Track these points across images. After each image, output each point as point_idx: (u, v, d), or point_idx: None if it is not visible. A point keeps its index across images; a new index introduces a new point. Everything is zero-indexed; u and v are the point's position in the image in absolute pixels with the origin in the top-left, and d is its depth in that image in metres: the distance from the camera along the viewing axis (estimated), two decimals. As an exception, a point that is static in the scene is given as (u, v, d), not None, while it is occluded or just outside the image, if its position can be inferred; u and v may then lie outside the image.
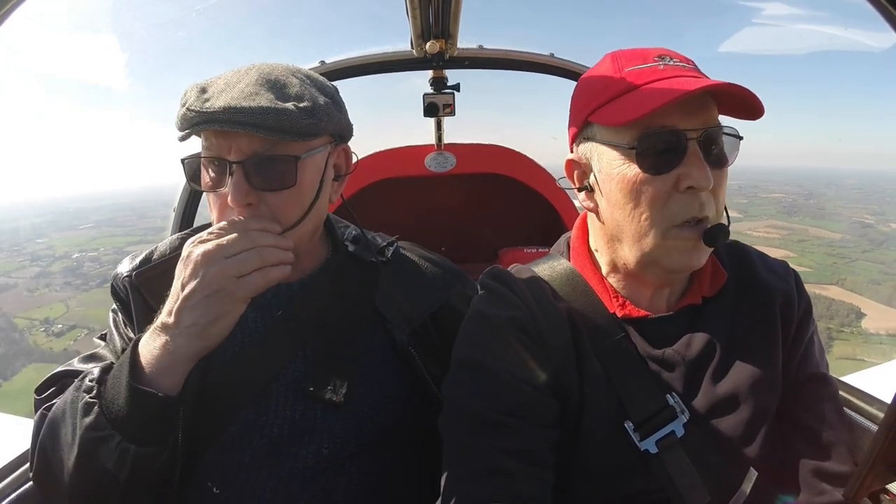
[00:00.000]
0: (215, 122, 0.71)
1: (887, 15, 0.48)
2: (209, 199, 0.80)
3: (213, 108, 0.71)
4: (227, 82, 0.75)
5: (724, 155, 0.70)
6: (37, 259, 38.10)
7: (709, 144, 0.68)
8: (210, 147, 0.75)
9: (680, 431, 0.70)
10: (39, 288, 33.57)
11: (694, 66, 0.72)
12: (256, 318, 0.85)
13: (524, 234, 2.33)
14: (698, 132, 0.67)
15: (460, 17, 1.29)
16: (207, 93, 0.74)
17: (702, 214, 0.68)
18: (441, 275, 0.94)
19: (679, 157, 0.67)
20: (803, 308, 0.81)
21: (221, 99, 0.72)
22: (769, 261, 0.85)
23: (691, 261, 0.70)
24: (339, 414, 0.80)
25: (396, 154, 2.19)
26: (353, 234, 0.96)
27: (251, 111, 0.71)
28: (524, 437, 0.68)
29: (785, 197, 52.28)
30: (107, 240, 39.15)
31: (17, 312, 30.59)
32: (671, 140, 0.67)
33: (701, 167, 0.66)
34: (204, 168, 0.77)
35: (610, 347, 0.74)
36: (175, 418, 0.72)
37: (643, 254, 0.72)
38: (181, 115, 0.73)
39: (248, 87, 0.74)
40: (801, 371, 0.79)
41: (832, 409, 0.77)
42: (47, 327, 27.63)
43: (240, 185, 0.74)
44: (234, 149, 0.74)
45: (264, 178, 0.75)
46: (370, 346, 0.86)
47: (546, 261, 0.84)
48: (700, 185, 0.66)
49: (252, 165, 0.74)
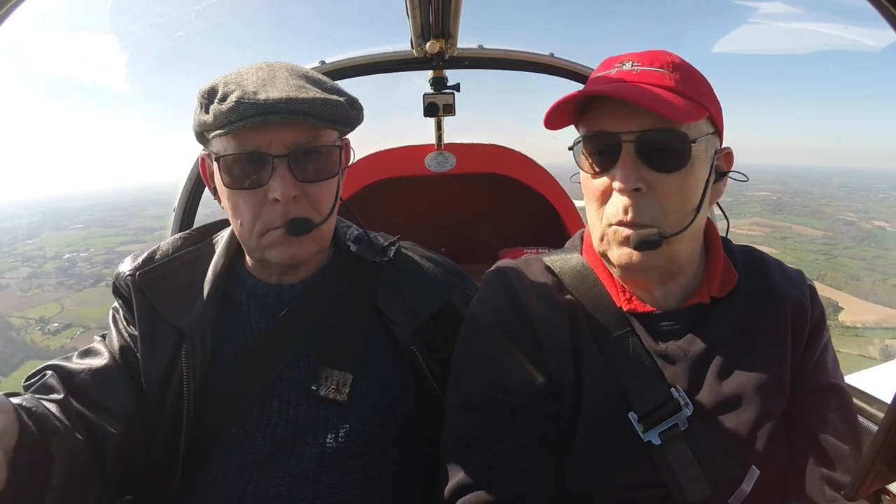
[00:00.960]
0: (276, 112, 0.71)
1: (887, 15, 0.48)
2: (235, 199, 0.78)
3: (272, 98, 0.70)
4: (262, 78, 0.74)
5: (672, 158, 0.69)
6: (28, 260, 37.84)
7: (647, 147, 0.68)
8: (244, 143, 0.74)
9: (683, 425, 0.71)
10: (32, 288, 33.50)
11: (668, 69, 0.71)
12: (259, 318, 0.84)
13: (524, 234, 2.33)
14: (633, 134, 0.68)
15: (460, 17, 1.28)
16: (247, 88, 0.72)
17: (627, 217, 0.69)
18: (443, 275, 0.94)
19: (614, 159, 0.69)
20: (816, 317, 0.81)
21: (275, 91, 0.72)
22: (785, 268, 0.85)
23: (626, 259, 0.71)
24: (341, 413, 0.80)
25: (396, 154, 2.17)
26: (356, 233, 0.95)
27: (311, 102, 0.72)
28: (510, 444, 0.70)
29: (770, 195, 53.03)
30: (98, 240, 38.73)
31: (11, 312, 30.53)
32: (606, 142, 0.70)
33: (626, 169, 0.68)
34: (232, 166, 0.76)
35: (614, 340, 0.75)
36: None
37: (599, 250, 0.75)
38: (229, 109, 0.71)
39: (290, 80, 0.75)
40: (813, 380, 0.79)
41: (843, 419, 0.77)
42: (43, 326, 27.78)
43: (287, 178, 0.74)
44: (274, 142, 0.74)
45: (309, 169, 0.77)
46: (372, 345, 0.86)
47: (560, 253, 0.86)
48: (621, 186, 0.68)
49: (296, 158, 0.75)
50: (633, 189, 0.68)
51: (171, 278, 0.85)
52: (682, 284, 0.78)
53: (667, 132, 0.68)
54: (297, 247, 0.80)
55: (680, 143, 0.69)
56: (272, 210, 0.76)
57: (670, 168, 0.69)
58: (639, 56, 0.73)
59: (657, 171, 0.68)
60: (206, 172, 0.86)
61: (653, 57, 0.72)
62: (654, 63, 0.71)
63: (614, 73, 0.72)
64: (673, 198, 0.69)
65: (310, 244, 0.81)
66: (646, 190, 0.68)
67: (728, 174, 0.78)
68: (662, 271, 0.75)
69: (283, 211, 0.77)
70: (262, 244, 0.79)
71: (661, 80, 0.70)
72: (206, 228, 0.98)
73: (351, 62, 1.53)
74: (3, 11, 0.44)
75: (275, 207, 0.76)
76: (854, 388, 0.92)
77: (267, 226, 0.78)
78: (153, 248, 0.89)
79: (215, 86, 0.75)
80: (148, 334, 0.80)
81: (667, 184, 0.69)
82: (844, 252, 42.25)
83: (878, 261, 40.60)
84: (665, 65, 0.71)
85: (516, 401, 0.72)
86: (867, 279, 37.19)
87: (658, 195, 0.69)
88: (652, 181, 0.68)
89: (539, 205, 2.26)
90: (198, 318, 0.81)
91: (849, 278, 36.72)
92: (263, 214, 0.77)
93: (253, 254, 0.84)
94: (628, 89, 0.68)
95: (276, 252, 0.80)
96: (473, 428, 0.73)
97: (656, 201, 0.69)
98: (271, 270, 0.87)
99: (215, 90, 0.75)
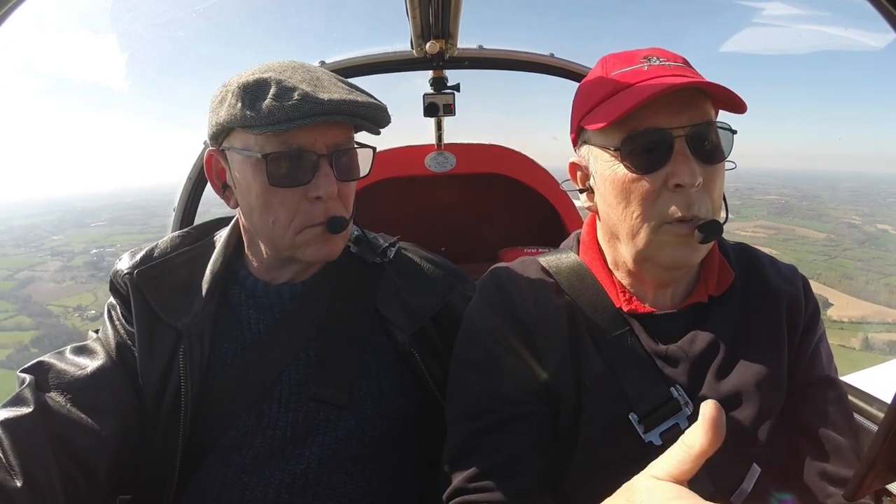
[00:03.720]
0: (339, 113, 0.73)
1: (887, 15, 0.47)
2: (269, 197, 0.76)
3: (335, 99, 0.72)
4: (307, 78, 0.75)
5: (717, 150, 0.69)
6: (57, 254, 39.51)
7: (698, 141, 0.67)
8: (289, 141, 0.74)
9: (684, 424, 0.69)
10: (66, 280, 35.40)
11: (684, 63, 0.70)
12: (259, 319, 0.83)
13: (524, 234, 2.31)
14: (685, 129, 0.66)
15: (460, 17, 1.26)
16: (304, 87, 0.72)
17: (690, 213, 0.67)
18: (442, 276, 0.92)
19: (667, 156, 0.67)
20: (811, 312, 0.79)
21: (334, 92, 0.73)
22: (778, 264, 0.83)
23: (684, 256, 0.70)
24: (341, 415, 0.79)
25: (396, 154, 2.15)
26: (355, 234, 0.94)
27: (368, 106, 0.76)
28: (506, 452, 0.69)
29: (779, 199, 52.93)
30: (121, 237, 40.07)
31: (49, 301, 32.55)
32: (657, 139, 0.67)
33: (687, 165, 0.66)
34: (278, 163, 0.74)
35: (613, 340, 0.73)
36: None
37: (637, 251, 0.72)
38: (292, 106, 0.70)
39: (337, 83, 0.78)
40: (808, 374, 0.77)
41: (839, 412, 0.76)
42: (81, 313, 29.57)
43: (330, 176, 0.76)
44: (318, 142, 0.75)
45: (346, 169, 0.79)
46: (372, 347, 0.84)
47: (555, 253, 0.84)
48: (687, 182, 0.66)
49: (337, 157, 0.77)
50: (697, 183, 0.66)
51: (169, 277, 0.83)
52: (682, 283, 0.77)
53: (713, 125, 0.68)
54: (332, 245, 0.80)
55: (725, 135, 0.69)
56: (313, 208, 0.76)
57: (716, 160, 0.69)
58: (657, 51, 0.72)
59: (706, 164, 0.68)
60: (213, 170, 0.83)
61: (667, 53, 0.72)
62: (674, 59, 0.71)
63: (647, 68, 0.70)
64: (718, 189, 0.70)
65: (341, 242, 0.82)
66: (700, 184, 0.67)
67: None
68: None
69: (325, 208, 0.77)
70: (297, 242, 0.78)
71: (694, 74, 0.69)
72: (205, 227, 0.96)
73: (351, 62, 1.52)
74: (3, 12, 0.44)
75: (315, 205, 0.76)
76: (854, 388, 0.89)
77: (305, 223, 0.77)
78: (151, 246, 0.88)
79: (264, 81, 0.72)
80: (145, 333, 0.79)
81: (714, 176, 0.69)
82: (844, 253, 42.38)
83: (876, 262, 40.64)
84: (682, 60, 0.71)
85: (512, 407, 0.71)
86: (861, 278, 37.64)
87: (708, 188, 0.68)
88: (703, 175, 0.67)
89: (539, 205, 2.24)
90: (196, 318, 0.80)
91: (843, 277, 37.22)
92: (302, 212, 0.76)
93: (282, 252, 0.81)
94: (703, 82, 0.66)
95: (311, 250, 0.79)
96: (470, 437, 0.72)
97: (707, 194, 0.68)
98: (284, 271, 0.85)
99: (265, 85, 0.72)
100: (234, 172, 0.79)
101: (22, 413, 0.68)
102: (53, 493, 0.66)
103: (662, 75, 0.68)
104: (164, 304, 0.80)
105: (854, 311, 31.83)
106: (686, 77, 0.66)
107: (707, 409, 0.39)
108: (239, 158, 0.77)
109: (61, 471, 0.67)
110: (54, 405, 0.71)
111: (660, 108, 0.66)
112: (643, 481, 0.42)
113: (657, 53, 0.71)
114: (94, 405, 0.73)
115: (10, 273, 37.35)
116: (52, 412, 0.70)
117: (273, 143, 0.73)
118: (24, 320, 30.41)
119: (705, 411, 0.39)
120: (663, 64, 0.69)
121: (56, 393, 0.72)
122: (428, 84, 1.63)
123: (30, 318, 30.58)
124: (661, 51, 0.72)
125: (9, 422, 0.67)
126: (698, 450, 0.39)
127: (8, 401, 0.70)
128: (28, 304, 32.47)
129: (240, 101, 0.72)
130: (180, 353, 0.77)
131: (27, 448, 0.65)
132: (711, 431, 0.39)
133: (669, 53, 0.71)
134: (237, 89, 0.73)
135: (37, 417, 0.68)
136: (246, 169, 0.76)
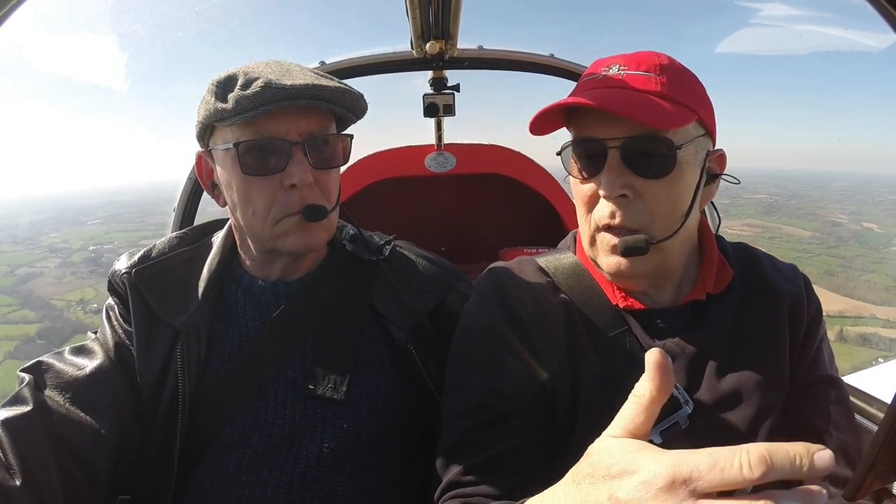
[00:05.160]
0: (302, 97, 0.71)
1: (887, 15, 0.46)
2: (247, 188, 0.76)
3: (298, 84, 0.70)
4: (278, 70, 0.74)
5: (656, 165, 0.67)
6: (55, 251, 39.66)
7: (632, 154, 0.66)
8: (261, 130, 0.73)
9: (684, 423, 0.68)
10: (67, 276, 35.70)
11: (657, 72, 0.69)
12: (255, 316, 0.82)
13: (524, 234, 2.29)
14: (618, 141, 0.67)
15: (460, 18, 1.24)
16: (269, 75, 0.71)
17: (613, 222, 0.68)
18: (438, 273, 0.92)
19: (601, 165, 0.68)
20: (813, 311, 0.78)
21: (298, 79, 0.72)
22: (778, 263, 0.83)
23: (620, 268, 0.70)
24: (339, 412, 0.78)
25: (396, 154, 2.13)
26: (351, 233, 0.93)
27: (333, 90, 0.74)
28: (500, 449, 0.69)
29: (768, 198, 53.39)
30: (119, 234, 40.20)
31: (52, 296, 32.86)
32: (592, 148, 0.69)
33: (611, 176, 0.67)
34: (249, 152, 0.74)
35: (610, 339, 0.72)
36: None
37: (589, 256, 0.75)
38: (255, 93, 0.70)
39: (307, 72, 0.76)
40: (811, 373, 0.77)
41: (841, 412, 0.75)
42: (84, 306, 29.83)
43: (304, 164, 0.74)
44: (291, 130, 0.74)
45: (321, 156, 0.77)
46: (368, 344, 0.84)
47: (552, 253, 0.83)
48: (605, 192, 0.67)
49: (311, 144, 0.76)
50: (619, 195, 0.67)
51: (167, 276, 0.82)
52: (676, 282, 0.76)
53: (651, 138, 0.66)
54: (312, 234, 0.79)
55: (665, 149, 0.66)
56: (288, 196, 0.75)
57: (656, 174, 0.67)
58: (626, 59, 0.71)
59: (643, 178, 0.67)
60: (203, 171, 0.84)
61: (640, 59, 0.70)
62: (640, 66, 0.69)
63: (600, 77, 0.70)
64: (661, 203, 0.68)
65: (322, 232, 0.81)
66: (632, 196, 0.67)
67: (721, 176, 0.76)
68: (653, 275, 0.73)
69: (300, 197, 0.76)
70: (275, 232, 0.78)
71: (647, 84, 0.68)
72: (203, 228, 0.96)
73: (351, 62, 1.49)
74: (4, 12, 0.43)
75: (290, 194, 0.75)
76: (854, 388, 0.89)
77: (283, 212, 0.76)
78: (149, 247, 0.87)
79: (233, 74, 0.74)
80: (143, 332, 0.78)
81: (654, 190, 0.67)
82: (827, 251, 42.98)
83: (858, 259, 41.35)
84: (652, 68, 0.69)
85: (508, 404, 0.70)
86: (841, 275, 38.35)
87: (646, 201, 0.67)
88: (638, 187, 0.67)
89: (539, 205, 2.23)
90: (193, 316, 0.79)
91: (825, 274, 37.93)
92: (278, 201, 0.76)
93: (264, 244, 0.81)
94: (610, 98, 0.66)
95: (290, 240, 0.78)
96: (465, 432, 0.71)
97: (644, 207, 0.67)
98: (274, 266, 0.85)
99: (234, 78, 0.73)
100: (218, 169, 0.79)
101: (21, 412, 0.67)
102: (52, 492, 0.65)
103: (606, 85, 0.69)
104: (161, 303, 0.79)
105: (832, 305, 32.56)
106: (625, 91, 0.68)
107: (652, 356, 0.38)
108: (221, 155, 0.78)
109: (60, 469, 0.66)
110: (53, 404, 0.70)
111: (598, 117, 0.68)
112: (600, 442, 0.41)
113: (624, 61, 0.70)
114: (92, 404, 0.72)
115: (9, 269, 37.57)
116: (51, 411, 0.69)
117: (246, 132, 0.74)
118: (28, 314, 30.71)
119: (650, 358, 0.38)
120: (618, 73, 0.69)
121: (55, 392, 0.71)
122: (428, 84, 1.61)
123: (33, 312, 31.05)
124: (634, 57, 0.70)
125: (8, 421, 0.66)
126: (648, 398, 0.38)
127: (7, 400, 0.69)
128: (31, 299, 32.88)
129: (213, 97, 0.74)
130: (178, 351, 0.76)
131: (26, 447, 0.64)
132: (658, 377, 0.38)
133: (644, 61, 0.70)
134: (211, 86, 0.75)
135: (36, 416, 0.67)
136: (226, 163, 0.77)
